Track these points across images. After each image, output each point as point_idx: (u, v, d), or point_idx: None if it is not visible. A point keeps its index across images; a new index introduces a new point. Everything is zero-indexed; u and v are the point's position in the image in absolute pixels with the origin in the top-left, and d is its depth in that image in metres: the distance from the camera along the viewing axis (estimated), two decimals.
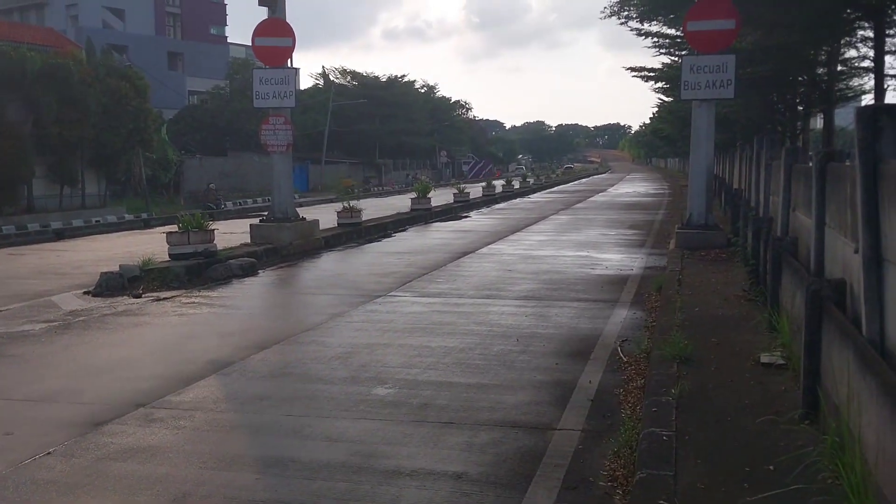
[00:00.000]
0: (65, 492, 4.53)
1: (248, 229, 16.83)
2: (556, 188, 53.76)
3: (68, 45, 34.30)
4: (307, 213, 20.56)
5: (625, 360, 7.14)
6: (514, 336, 8.25)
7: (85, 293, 11.55)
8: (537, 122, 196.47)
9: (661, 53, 23.99)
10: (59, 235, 22.44)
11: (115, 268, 12.16)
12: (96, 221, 25.43)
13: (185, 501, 4.36)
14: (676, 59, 23.16)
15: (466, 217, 26.78)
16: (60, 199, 27.45)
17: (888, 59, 15.90)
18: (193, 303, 10.87)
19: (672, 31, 21.09)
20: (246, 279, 12.97)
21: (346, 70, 67.58)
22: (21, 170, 24.53)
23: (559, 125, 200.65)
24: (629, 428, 5.08)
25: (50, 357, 7.90)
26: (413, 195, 27.03)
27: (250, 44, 17.12)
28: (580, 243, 17.40)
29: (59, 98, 25.47)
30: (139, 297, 11.18)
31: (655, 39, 22.28)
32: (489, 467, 4.77)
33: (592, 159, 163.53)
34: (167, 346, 8.26)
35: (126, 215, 27.53)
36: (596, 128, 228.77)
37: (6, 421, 5.83)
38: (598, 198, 39.62)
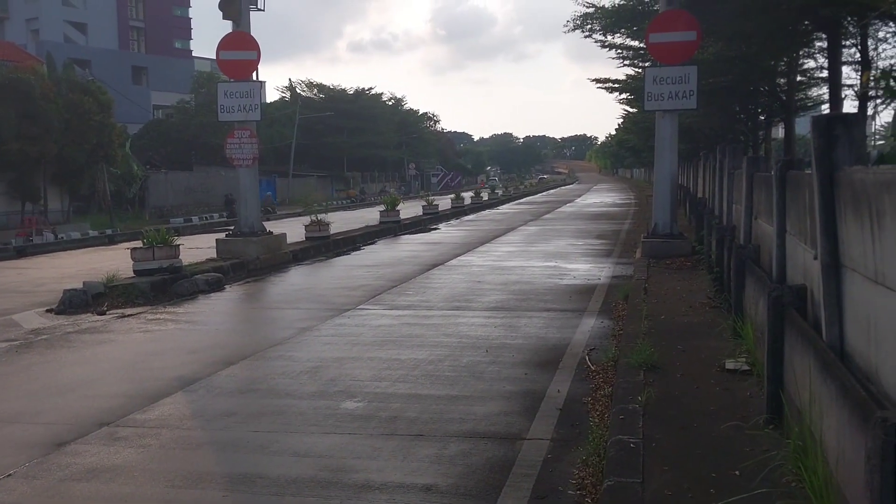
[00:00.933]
0: None
1: (215, 244, 16.67)
2: (524, 199, 54.06)
3: (29, 59, 33.83)
4: (275, 226, 20.45)
5: (593, 368, 7.18)
6: (483, 347, 8.26)
7: (47, 311, 11.35)
8: (505, 133, 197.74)
9: (625, 65, 24.32)
10: (21, 253, 22.01)
11: (79, 285, 11.97)
12: (60, 238, 24.99)
13: None
14: (640, 70, 23.47)
15: (436, 229, 26.80)
16: (22, 216, 26.96)
17: (845, 69, 16.27)
18: (159, 319, 10.73)
19: (635, 43, 21.38)
20: (212, 294, 12.84)
21: (312, 83, 67.45)
22: None
23: (527, 136, 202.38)
24: (597, 436, 5.11)
25: (10, 377, 7.73)
26: (382, 208, 27.00)
27: (215, 57, 17.01)
28: (549, 254, 17.50)
29: (20, 113, 25.11)
30: (103, 314, 11.01)
31: (619, 51, 22.57)
32: (459, 479, 4.76)
33: (560, 170, 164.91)
34: (132, 364, 8.13)
35: (90, 231, 27.10)
36: (563, 139, 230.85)
37: None
38: (566, 208, 39.91)
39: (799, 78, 21.58)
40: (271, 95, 69.45)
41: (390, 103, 75.26)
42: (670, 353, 6.91)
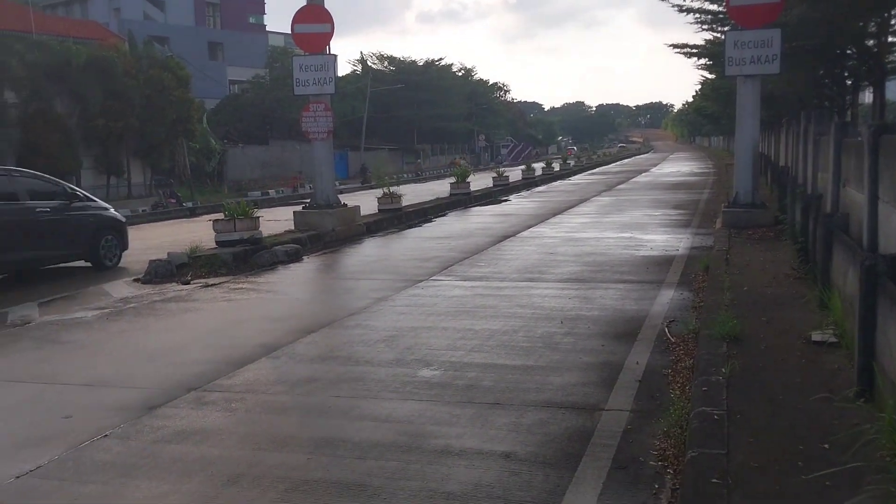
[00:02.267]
0: (122, 473, 4.65)
1: (292, 216, 17.00)
2: (597, 169, 53.24)
3: (111, 37, 34.90)
4: (348, 199, 20.69)
5: (672, 340, 7.06)
6: (558, 318, 8.22)
7: (135, 280, 11.80)
8: (577, 102, 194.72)
9: (704, 29, 23.54)
10: None
11: (164, 255, 12.40)
12: (142, 210, 25.91)
13: (238, 482, 4.45)
14: (719, 34, 22.70)
15: (506, 200, 26.68)
16: (107, 190, 28.05)
17: None
18: (241, 289, 11.04)
19: (714, 7, 20.65)
20: (291, 265, 13.12)
21: (383, 55, 67.69)
22: (69, 161, 25.13)
23: (599, 105, 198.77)
24: (679, 408, 5.03)
25: (103, 343, 8.10)
26: (452, 180, 27.00)
27: (289, 31, 17.21)
28: (624, 224, 17.23)
29: (104, 90, 26.00)
30: (188, 283, 11.39)
31: (697, 15, 21.86)
32: (537, 447, 4.77)
33: (634, 139, 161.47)
34: (216, 331, 8.41)
35: None
36: (637, 107, 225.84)
37: (64, 405, 6.00)
38: (641, 178, 39.15)
39: (890, 39, 20.47)
40: (343, 69, 70.09)
41: (460, 74, 74.93)
42: (754, 325, 6.74)
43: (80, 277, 12.55)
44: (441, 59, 70.10)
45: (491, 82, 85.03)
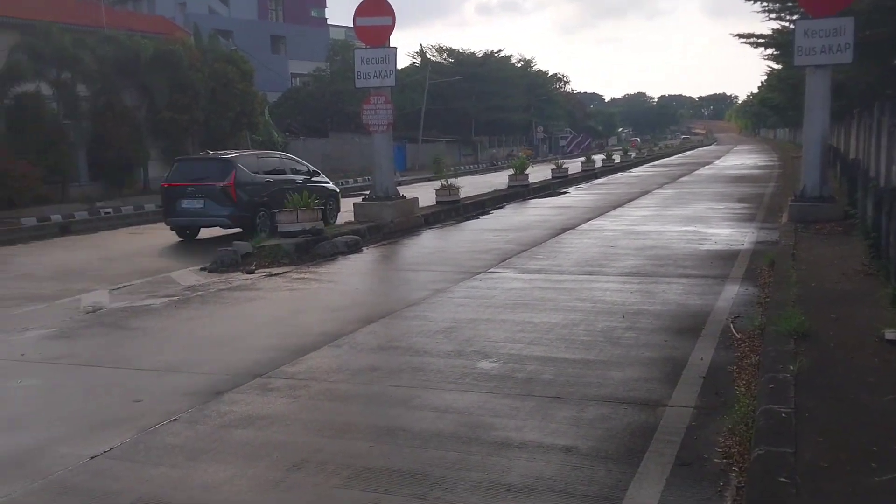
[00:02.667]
0: (191, 456, 4.79)
1: (352, 208, 17.18)
2: (658, 161, 52.36)
3: (177, 31, 35.71)
4: (406, 191, 20.81)
5: (737, 336, 6.92)
6: (619, 312, 8.13)
7: (201, 269, 12.09)
8: (638, 93, 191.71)
9: (772, 18, 22.87)
10: None
11: (229, 245, 12.67)
12: None
13: (303, 467, 4.53)
14: (788, 23, 22.04)
15: (565, 193, 26.47)
16: None
17: None
18: (303, 278, 11.22)
19: None
20: (351, 256, 13.27)
21: (442, 47, 67.69)
22: (138, 153, 25.86)
23: (661, 96, 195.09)
24: (744, 405, 4.94)
25: (171, 329, 8.34)
26: (510, 172, 26.89)
27: (350, 25, 17.37)
28: (686, 218, 16.92)
29: (171, 83, 26.63)
30: (252, 272, 11.62)
31: (765, 4, 21.26)
32: (599, 442, 4.74)
33: (697, 131, 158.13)
34: (280, 320, 8.57)
35: None
36: (700, 98, 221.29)
37: (135, 389, 6.20)
38: (704, 171, 38.37)
39: None
40: (402, 61, 70.39)
41: (519, 66, 74.41)
42: (822, 322, 6.55)
43: (148, 265, 12.91)
44: (500, 50, 69.79)
45: (550, 73, 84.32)
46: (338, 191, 18.28)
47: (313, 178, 17.15)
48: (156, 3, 55.46)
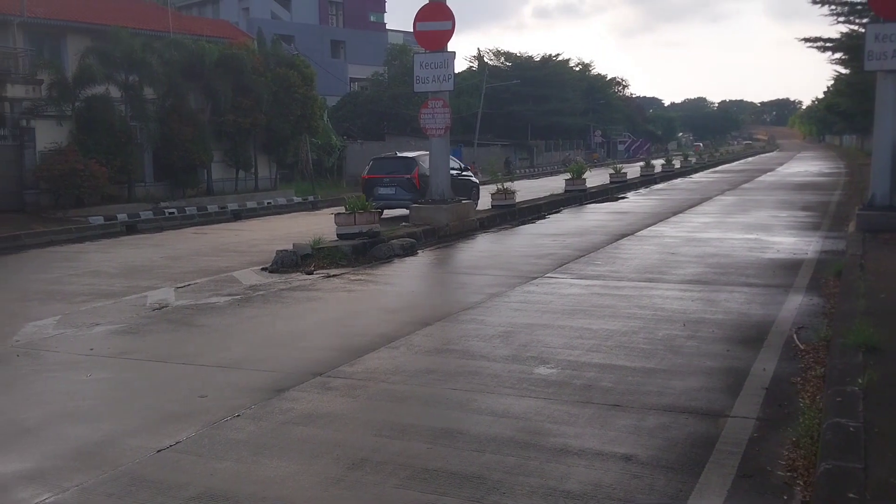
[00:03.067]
0: (254, 451, 4.89)
1: (408, 211, 17.30)
2: (719, 167, 51.39)
3: (241, 36, 36.48)
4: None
5: (802, 347, 6.77)
6: (680, 321, 8.02)
7: (262, 269, 12.33)
8: (698, 98, 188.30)
9: (840, 22, 22.33)
10: (236, 216, 24.07)
11: (289, 246, 12.90)
12: (268, 203, 27.03)
13: (362, 466, 4.60)
14: (857, 27, 21.43)
15: (624, 198, 26.19)
16: (236, 183, 29.36)
17: None
18: (360, 280, 11.36)
19: None
20: (406, 258, 13.37)
21: (499, 51, 67.63)
22: (201, 155, 26.43)
23: (722, 101, 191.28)
24: (809, 418, 4.82)
25: (235, 327, 8.53)
26: (567, 176, 26.71)
27: (409, 29, 17.51)
28: (748, 225, 16.59)
29: (234, 87, 27.18)
30: (311, 273, 11.81)
31: (833, 7, 20.74)
32: (659, 451, 4.69)
33: (759, 137, 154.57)
34: (338, 320, 8.70)
35: (295, 198, 29.05)
36: (763, 103, 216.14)
37: (200, 385, 6.37)
38: (767, 177, 37.52)
39: None
40: (459, 65, 70.54)
41: (577, 69, 73.90)
42: (893, 335, 6.35)
43: (212, 265, 13.22)
44: (558, 54, 69.42)
45: (609, 77, 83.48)
46: (478, 183, 22.30)
47: (463, 173, 21.13)
48: (220, 8, 56.83)
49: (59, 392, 6.35)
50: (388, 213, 19.05)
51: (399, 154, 22.19)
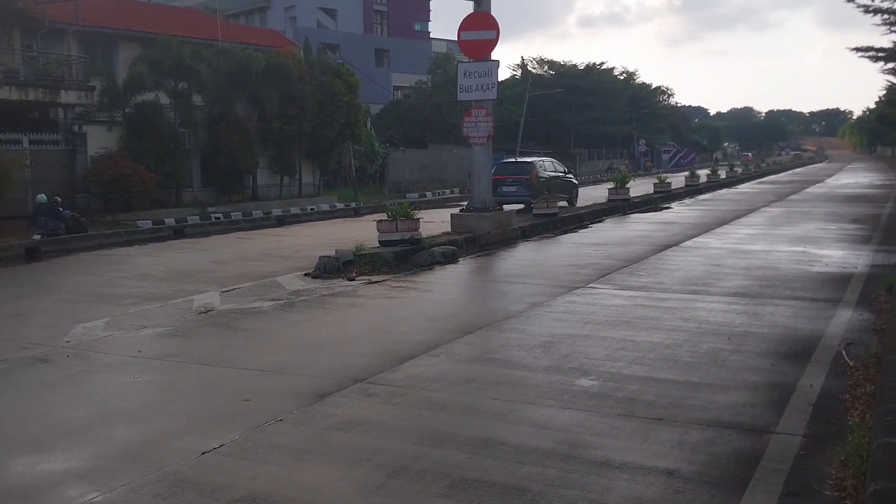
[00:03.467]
0: (296, 456, 4.95)
1: (449, 218, 17.34)
2: (765, 178, 50.52)
3: (288, 44, 37.00)
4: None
5: (851, 364, 6.61)
6: (724, 334, 7.90)
7: (305, 275, 12.46)
8: (745, 107, 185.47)
9: (893, 31, 21.81)
10: (280, 222, 24.37)
11: (331, 252, 13.02)
12: (311, 209, 27.34)
13: (402, 474, 4.62)
14: None
15: (668, 208, 25.91)
16: (280, 189, 29.76)
17: None
18: (401, 287, 11.42)
19: None
20: (447, 266, 13.40)
21: (543, 59, 67.49)
22: (248, 161, 26.87)
23: (769, 111, 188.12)
24: (858, 436, 4.70)
25: (278, 332, 8.64)
26: (610, 185, 26.53)
27: (453, 38, 17.58)
28: (796, 238, 16.27)
29: (281, 95, 27.57)
30: (353, 279, 11.91)
31: (886, 16, 20.28)
32: (702, 466, 4.63)
33: (807, 147, 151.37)
34: (379, 327, 8.75)
35: (337, 204, 29.34)
36: (811, 114, 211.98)
37: (243, 389, 6.46)
38: (815, 189, 36.78)
39: None
40: (502, 74, 70.31)
41: (622, 78, 73.37)
42: None
43: (256, 270, 13.41)
44: (602, 62, 69.05)
45: (654, 86, 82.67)
46: (577, 183, 25.93)
47: (566, 175, 25.00)
48: (268, 17, 57.71)
49: (107, 393, 6.50)
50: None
51: (520, 160, 26.60)
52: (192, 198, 25.94)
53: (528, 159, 25.41)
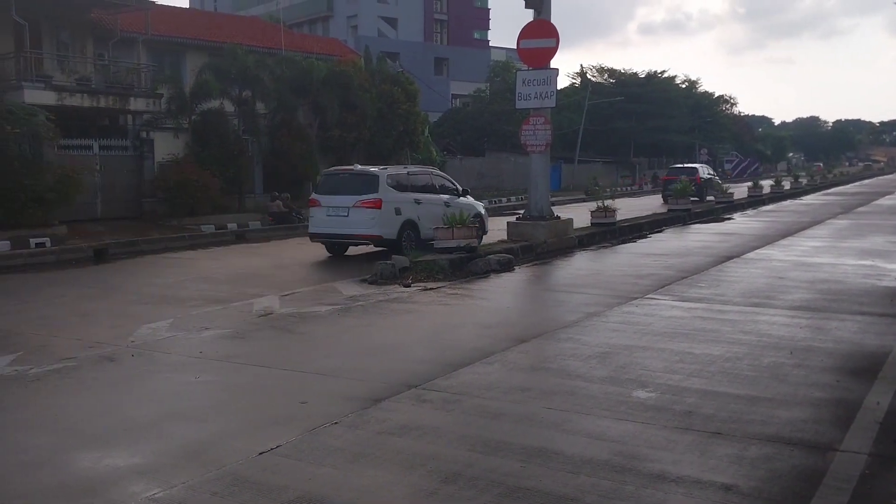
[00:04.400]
0: (351, 459, 5.00)
1: (505, 226, 17.31)
2: (832, 189, 49.04)
3: (349, 53, 37.54)
4: (560, 211, 20.64)
5: None
6: (786, 348, 7.70)
7: (362, 280, 12.59)
8: (811, 117, 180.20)
9: None
10: None
11: (388, 259, 13.14)
12: None
13: (455, 481, 4.62)
14: None
15: (729, 219, 25.39)
16: None
17: None
18: (456, 294, 11.44)
19: None
20: (503, 274, 13.37)
21: (603, 68, 66.89)
22: (308, 168, 27.31)
23: (837, 121, 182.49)
24: None
25: (335, 337, 8.75)
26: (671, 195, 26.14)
27: (512, 46, 17.59)
28: (863, 251, 15.76)
29: (341, 103, 27.97)
30: (408, 286, 11.98)
31: None
32: (761, 482, 4.52)
33: (877, 158, 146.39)
34: (434, 333, 8.79)
35: None
36: (882, 123, 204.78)
37: (301, 391, 6.56)
38: (885, 201, 35.56)
39: None
40: (561, 82, 69.96)
41: (683, 86, 72.22)
42: None
43: (314, 275, 13.61)
44: (664, 71, 68.07)
45: (716, 95, 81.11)
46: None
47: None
48: (330, 26, 58.69)
49: (169, 392, 6.68)
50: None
51: (687, 165, 32.31)
52: (254, 203, 26.46)
53: (696, 165, 33.49)
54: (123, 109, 24.23)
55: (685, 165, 38.14)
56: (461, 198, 17.23)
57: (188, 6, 61.70)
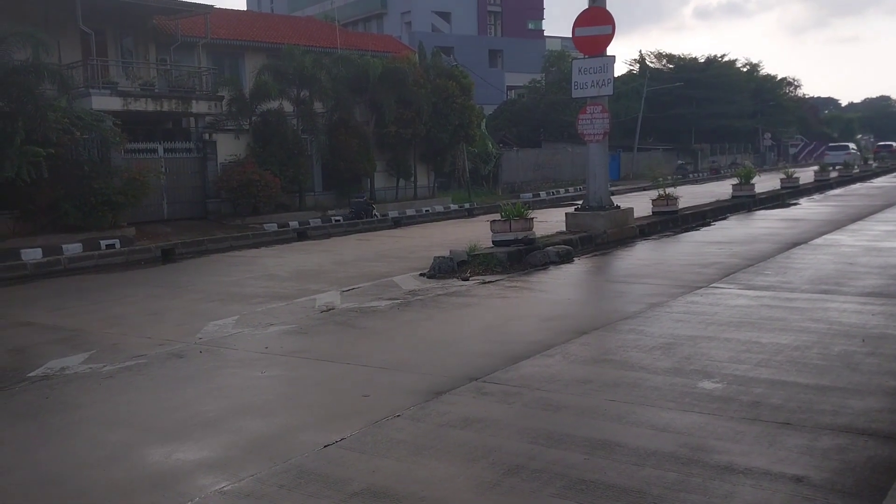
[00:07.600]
0: (413, 451, 5.04)
1: (563, 218, 17.17)
2: None
3: (403, 49, 37.75)
4: (619, 200, 20.37)
5: None
6: (858, 336, 7.45)
7: (420, 275, 12.66)
8: (881, 97, 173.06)
9: None
10: (396, 223, 24.88)
11: (446, 253, 13.17)
12: (426, 211, 27.76)
13: (518, 473, 4.62)
14: None
15: (796, 204, 24.68)
16: (396, 191, 30.39)
17: None
18: (515, 287, 11.41)
19: None
20: (562, 266, 13.27)
21: (661, 53, 65.62)
22: (365, 165, 27.60)
23: None
24: None
25: (395, 331, 8.83)
26: (734, 181, 25.52)
27: (567, 35, 17.41)
28: None
29: (397, 99, 28.15)
30: (466, 279, 12.00)
31: None
32: (834, 474, 4.39)
33: None
34: (493, 326, 8.78)
35: (451, 205, 29.65)
36: None
37: (363, 384, 6.64)
38: None
39: None
40: (618, 69, 68.96)
41: (744, 70, 70.33)
42: None
43: (374, 270, 13.74)
44: (724, 55, 66.38)
45: (779, 77, 78.76)
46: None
47: None
48: (384, 23, 59.06)
49: (236, 387, 6.84)
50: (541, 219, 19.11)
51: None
52: (314, 201, 26.87)
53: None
54: (186, 112, 24.87)
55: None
56: None
57: (245, 9, 62.83)
